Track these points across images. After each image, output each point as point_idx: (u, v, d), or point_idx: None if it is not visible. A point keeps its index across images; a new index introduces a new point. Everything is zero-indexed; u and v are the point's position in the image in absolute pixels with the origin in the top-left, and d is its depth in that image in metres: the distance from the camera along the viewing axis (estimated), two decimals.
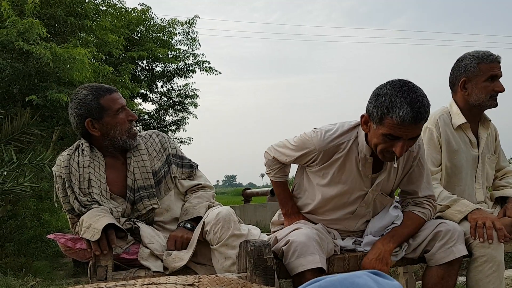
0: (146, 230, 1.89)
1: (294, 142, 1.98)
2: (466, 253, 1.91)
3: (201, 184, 2.13)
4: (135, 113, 2.27)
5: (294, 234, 1.85)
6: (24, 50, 6.14)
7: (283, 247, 1.83)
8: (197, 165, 2.19)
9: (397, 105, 1.65)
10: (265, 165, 2.17)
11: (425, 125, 2.27)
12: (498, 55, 2.23)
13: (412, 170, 1.98)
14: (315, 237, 1.81)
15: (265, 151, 2.14)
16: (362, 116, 1.82)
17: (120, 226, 1.78)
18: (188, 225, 1.94)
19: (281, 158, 2.05)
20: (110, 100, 1.93)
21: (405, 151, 1.75)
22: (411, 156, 1.95)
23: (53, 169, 1.98)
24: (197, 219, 1.94)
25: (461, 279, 3.67)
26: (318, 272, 1.73)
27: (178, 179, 2.10)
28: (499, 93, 2.23)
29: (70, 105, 1.97)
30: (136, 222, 1.92)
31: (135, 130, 2.01)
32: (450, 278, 1.89)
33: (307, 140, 1.92)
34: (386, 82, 1.76)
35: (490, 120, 2.36)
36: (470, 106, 2.26)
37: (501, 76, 2.22)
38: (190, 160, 2.18)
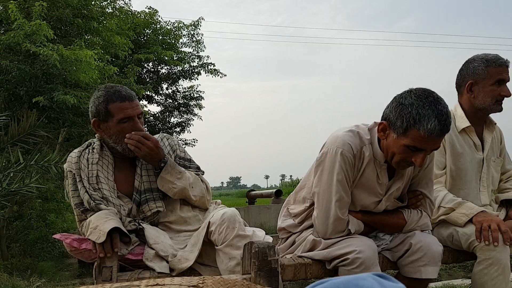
0: (151, 231, 1.90)
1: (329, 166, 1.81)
2: (434, 276, 1.85)
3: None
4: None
5: (360, 245, 1.75)
6: (31, 52, 6.18)
7: (349, 255, 1.73)
8: (203, 172, 2.19)
9: (425, 118, 1.61)
10: (327, 233, 1.84)
11: None
12: (507, 60, 2.22)
13: (422, 173, 1.94)
14: (375, 248, 1.80)
15: (317, 229, 1.86)
16: (380, 124, 1.76)
17: (125, 231, 1.79)
18: (162, 164, 1.93)
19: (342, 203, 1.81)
20: (118, 108, 1.90)
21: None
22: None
23: (64, 165, 2.02)
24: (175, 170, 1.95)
25: (466, 281, 3.67)
26: None
27: None
28: (505, 98, 2.22)
29: (91, 99, 2.00)
30: (141, 223, 1.93)
31: None
32: None
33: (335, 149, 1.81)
34: (409, 91, 1.70)
35: (495, 123, 2.35)
36: (475, 109, 2.26)
37: (509, 81, 2.20)
38: (198, 166, 2.18)
